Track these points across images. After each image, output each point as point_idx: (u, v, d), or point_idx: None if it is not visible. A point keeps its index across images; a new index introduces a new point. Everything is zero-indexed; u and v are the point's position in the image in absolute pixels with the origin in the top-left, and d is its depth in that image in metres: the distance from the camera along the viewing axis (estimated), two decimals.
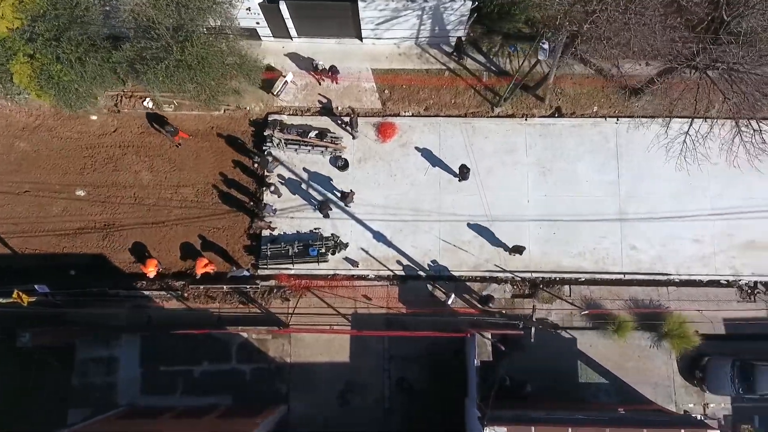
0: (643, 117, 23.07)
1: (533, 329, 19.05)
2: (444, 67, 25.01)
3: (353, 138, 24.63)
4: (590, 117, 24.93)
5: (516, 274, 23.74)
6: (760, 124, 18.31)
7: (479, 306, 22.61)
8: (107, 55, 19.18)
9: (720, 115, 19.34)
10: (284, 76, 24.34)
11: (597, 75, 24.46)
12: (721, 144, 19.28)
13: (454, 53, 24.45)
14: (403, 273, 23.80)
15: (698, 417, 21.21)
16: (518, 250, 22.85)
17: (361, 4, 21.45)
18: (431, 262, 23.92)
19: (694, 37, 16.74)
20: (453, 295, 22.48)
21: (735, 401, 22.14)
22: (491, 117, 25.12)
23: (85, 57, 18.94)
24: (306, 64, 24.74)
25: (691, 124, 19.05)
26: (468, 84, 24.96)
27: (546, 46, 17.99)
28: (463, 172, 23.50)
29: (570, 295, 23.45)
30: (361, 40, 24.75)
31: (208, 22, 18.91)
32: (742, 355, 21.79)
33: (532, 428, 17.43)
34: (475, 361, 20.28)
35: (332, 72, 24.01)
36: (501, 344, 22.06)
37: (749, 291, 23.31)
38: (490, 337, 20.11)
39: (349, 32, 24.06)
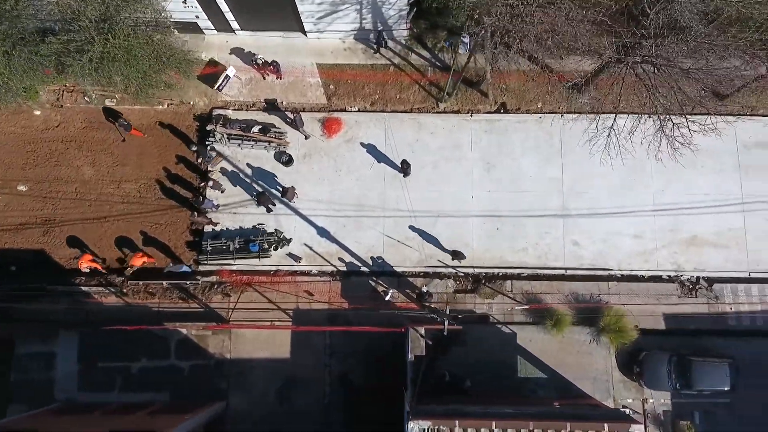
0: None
1: (446, 322, 19.03)
2: (389, 63, 24.95)
3: (305, 138, 24.46)
4: (535, 113, 24.94)
5: (459, 269, 23.71)
6: (687, 118, 18.37)
7: (417, 302, 22.55)
8: (35, 49, 18.99)
9: (643, 110, 19.40)
10: (226, 71, 24.19)
11: (541, 71, 24.47)
12: (642, 138, 19.35)
13: (376, 46, 24.31)
14: (345, 269, 23.73)
15: (629, 412, 21.32)
16: (457, 255, 22.82)
17: None
18: (375, 257, 23.86)
19: (610, 30, 16.80)
20: (392, 291, 22.39)
21: (675, 397, 22.16)
22: (437, 113, 25.09)
23: (12, 51, 18.74)
24: (250, 58, 24.60)
25: (615, 119, 19.10)
26: (413, 79, 24.92)
27: (467, 40, 17.95)
28: (404, 168, 23.45)
29: (511, 291, 23.45)
30: (306, 35, 24.65)
31: (137, 14, 18.74)
32: (680, 350, 21.83)
33: (456, 422, 17.43)
34: (409, 356, 20.23)
35: (274, 67, 23.90)
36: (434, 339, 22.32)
37: (690, 286, 23.36)
38: (423, 332, 20.03)
39: (292, 26, 23.96)
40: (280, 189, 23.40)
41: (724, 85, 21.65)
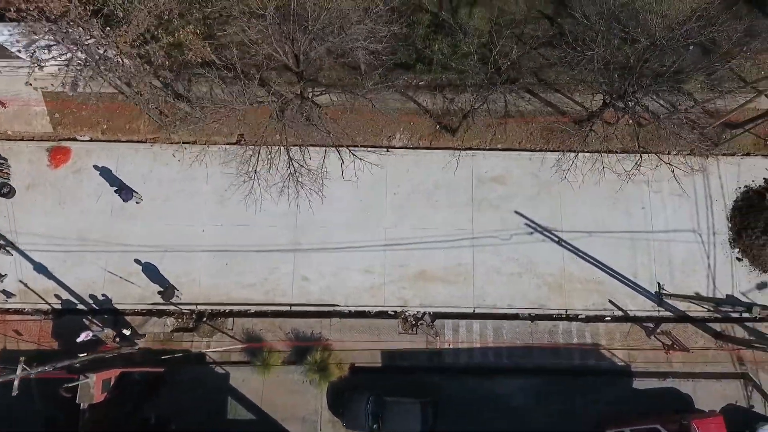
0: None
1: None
2: (116, 92, 24.08)
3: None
4: (273, 145, 24.41)
5: (182, 306, 23.06)
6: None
7: (118, 342, 21.78)
8: None
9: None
10: None
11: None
12: (281, 175, 19.44)
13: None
14: (61, 306, 22.84)
15: None
16: (165, 293, 22.14)
17: None
18: (95, 294, 23.02)
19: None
20: (86, 333, 21.43)
21: None
22: (173, 143, 24.39)
23: None
24: None
25: (257, 156, 19.04)
26: (141, 109, 24.14)
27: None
28: (122, 194, 22.59)
29: (232, 329, 22.92)
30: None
31: None
32: (379, 390, 21.57)
33: None
34: (82, 405, 19.42)
35: None
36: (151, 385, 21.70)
37: (414, 322, 23.24)
38: (94, 377, 19.23)
39: (6, 53, 22.85)
40: None
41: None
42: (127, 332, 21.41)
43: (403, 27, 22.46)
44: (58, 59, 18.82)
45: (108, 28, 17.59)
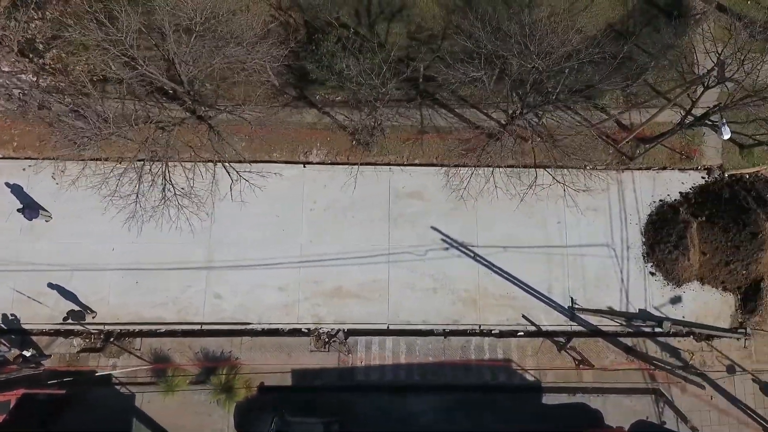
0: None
1: None
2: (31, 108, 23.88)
3: None
4: (190, 161, 24.19)
5: (89, 326, 22.72)
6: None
7: (20, 364, 21.40)
8: None
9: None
10: None
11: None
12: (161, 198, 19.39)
13: None
14: None
15: None
16: (74, 315, 21.79)
17: None
18: (5, 314, 22.65)
19: None
20: None
21: None
22: (87, 160, 24.07)
23: None
24: None
25: (138, 177, 18.88)
26: (53, 126, 23.88)
27: None
28: (25, 212, 22.26)
29: (140, 349, 22.61)
30: None
31: None
32: (288, 409, 21.36)
33: None
34: None
35: None
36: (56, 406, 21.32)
37: (327, 340, 23.04)
38: None
39: None
40: None
41: None
42: (27, 353, 21.01)
43: (311, 44, 22.58)
44: None
45: None
